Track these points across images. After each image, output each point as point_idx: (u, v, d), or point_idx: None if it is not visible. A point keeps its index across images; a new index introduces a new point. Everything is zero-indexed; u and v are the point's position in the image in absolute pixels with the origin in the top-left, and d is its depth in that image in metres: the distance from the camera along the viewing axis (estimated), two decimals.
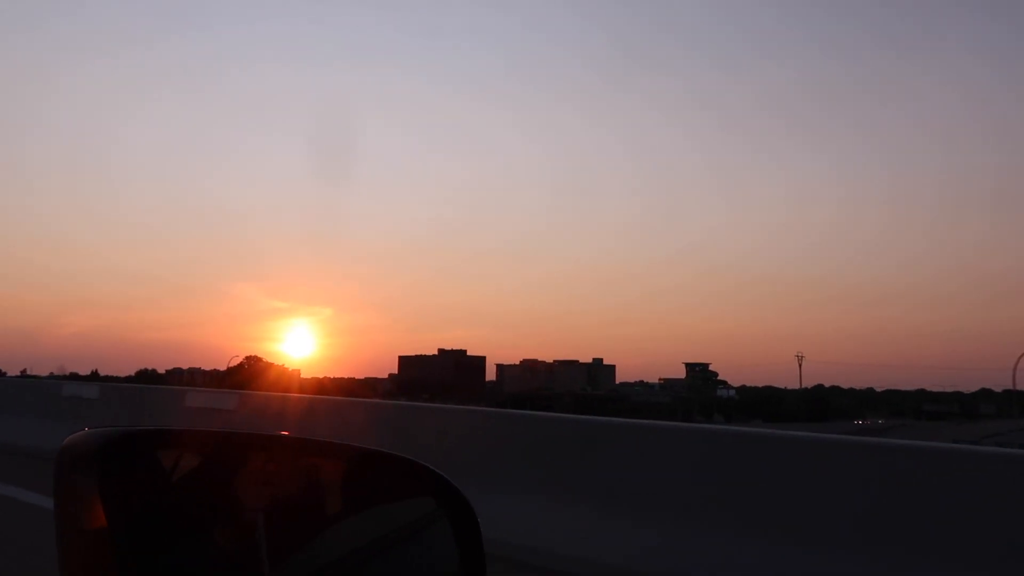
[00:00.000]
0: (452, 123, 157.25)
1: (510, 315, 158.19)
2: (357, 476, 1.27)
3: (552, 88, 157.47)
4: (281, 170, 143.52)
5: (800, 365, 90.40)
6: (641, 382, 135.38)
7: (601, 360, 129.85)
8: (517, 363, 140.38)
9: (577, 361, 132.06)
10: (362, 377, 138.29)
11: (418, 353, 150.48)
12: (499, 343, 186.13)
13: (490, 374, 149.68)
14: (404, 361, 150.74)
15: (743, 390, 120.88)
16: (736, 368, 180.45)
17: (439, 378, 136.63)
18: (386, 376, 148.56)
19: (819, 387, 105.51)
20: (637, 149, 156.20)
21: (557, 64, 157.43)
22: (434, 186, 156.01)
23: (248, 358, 78.87)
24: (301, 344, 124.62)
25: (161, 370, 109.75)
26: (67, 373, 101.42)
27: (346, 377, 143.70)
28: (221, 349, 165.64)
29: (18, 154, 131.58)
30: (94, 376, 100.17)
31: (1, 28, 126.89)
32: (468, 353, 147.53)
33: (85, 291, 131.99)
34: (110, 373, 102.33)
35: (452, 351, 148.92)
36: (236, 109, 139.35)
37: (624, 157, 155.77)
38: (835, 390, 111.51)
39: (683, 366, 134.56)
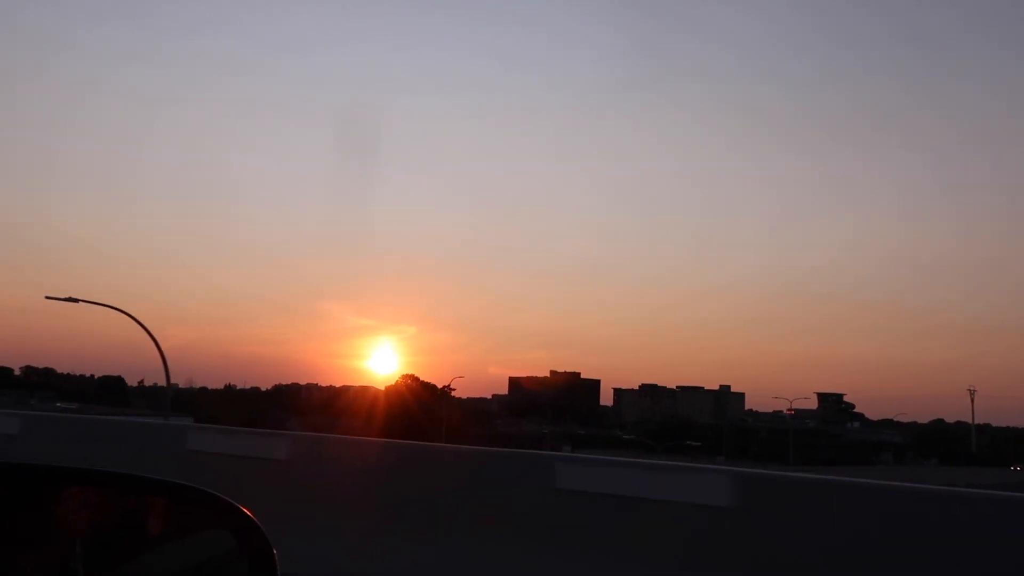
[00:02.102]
0: (538, 141, 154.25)
1: (617, 338, 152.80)
2: (158, 510, 1.28)
3: (651, 103, 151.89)
4: (369, 193, 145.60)
5: (972, 400, 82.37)
6: (751, 411, 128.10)
7: (728, 387, 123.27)
8: (636, 387, 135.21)
9: (702, 388, 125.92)
10: (464, 397, 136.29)
11: (530, 374, 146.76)
12: (604, 366, 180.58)
13: (605, 398, 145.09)
14: (514, 382, 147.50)
15: (869, 424, 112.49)
16: (868, 401, 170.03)
17: (551, 401, 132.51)
18: (490, 397, 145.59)
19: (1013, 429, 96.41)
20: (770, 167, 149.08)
21: (670, 81, 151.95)
22: (523, 206, 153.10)
23: (405, 377, 76.24)
24: (387, 361, 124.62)
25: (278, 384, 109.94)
26: (196, 387, 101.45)
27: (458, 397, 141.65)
28: (313, 364, 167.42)
29: (128, 177, 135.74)
30: (227, 390, 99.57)
31: (115, 62, 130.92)
32: (582, 375, 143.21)
33: (186, 304, 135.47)
34: (233, 383, 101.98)
35: (565, 373, 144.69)
36: (325, 135, 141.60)
37: (754, 176, 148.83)
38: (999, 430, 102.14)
39: (815, 396, 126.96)
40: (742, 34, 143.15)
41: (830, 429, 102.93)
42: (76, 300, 25.13)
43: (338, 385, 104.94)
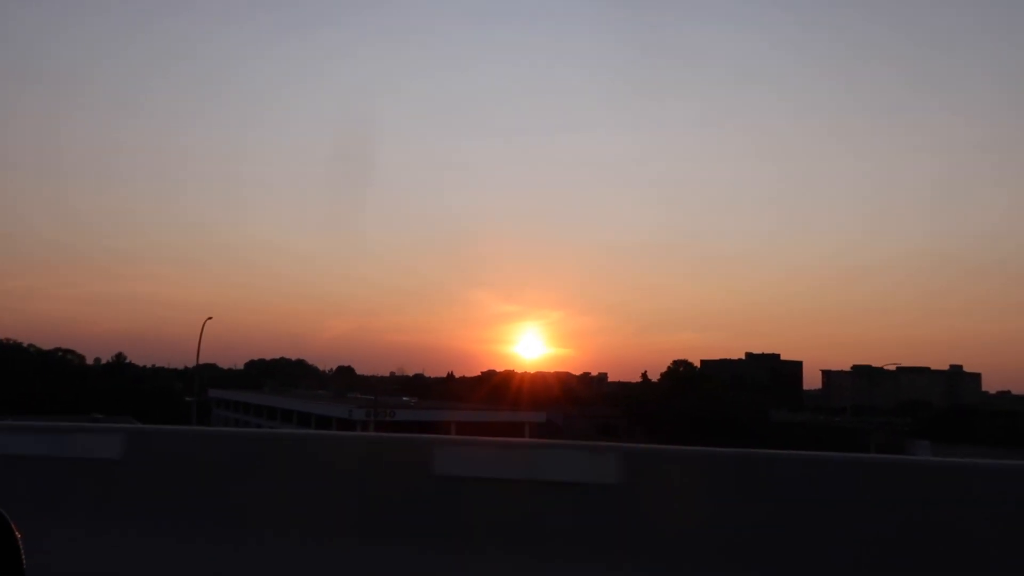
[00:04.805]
0: (682, 127, 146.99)
1: (778, 319, 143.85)
2: None
3: (798, 70, 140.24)
4: (512, 177, 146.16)
5: None
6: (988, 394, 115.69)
7: (961, 367, 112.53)
8: (847, 369, 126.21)
9: (928, 368, 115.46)
10: (634, 381, 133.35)
11: (723, 357, 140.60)
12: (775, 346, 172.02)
13: (811, 381, 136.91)
14: (706, 366, 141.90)
15: None
16: None
17: (750, 384, 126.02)
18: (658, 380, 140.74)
19: None
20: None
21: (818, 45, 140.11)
22: (664, 186, 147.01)
23: (676, 362, 73.10)
24: (533, 346, 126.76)
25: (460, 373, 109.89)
26: (408, 374, 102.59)
27: (622, 381, 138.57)
28: (463, 350, 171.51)
29: (278, 186, 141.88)
30: (449, 378, 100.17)
31: (282, 73, 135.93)
32: (782, 357, 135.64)
33: (342, 300, 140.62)
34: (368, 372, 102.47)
35: (762, 355, 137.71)
36: (474, 120, 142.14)
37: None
38: None
39: None
40: None
41: None
42: None
43: (521, 371, 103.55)
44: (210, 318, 48.04)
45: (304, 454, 4.73)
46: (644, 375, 76.37)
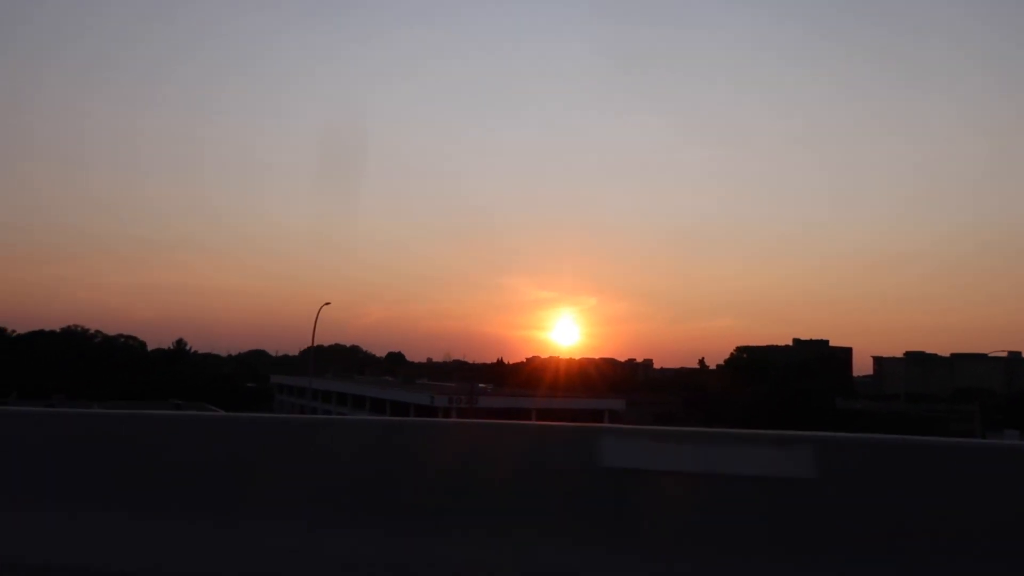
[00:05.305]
0: (714, 112, 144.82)
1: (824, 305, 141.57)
2: None
3: (835, 50, 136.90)
4: (547, 166, 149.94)
5: None
6: None
7: (1019, 354, 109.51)
8: (900, 355, 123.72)
9: (985, 355, 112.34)
10: (675, 367, 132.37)
11: (769, 343, 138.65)
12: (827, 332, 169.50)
13: (861, 368, 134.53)
14: (753, 351, 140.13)
15: None
16: None
17: (799, 371, 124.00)
18: (698, 366, 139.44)
19: None
20: None
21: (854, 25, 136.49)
22: (700, 173, 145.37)
23: (739, 348, 72.13)
24: (569, 333, 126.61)
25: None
26: (451, 360, 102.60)
27: (668, 368, 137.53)
28: (498, 336, 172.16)
29: (303, 174, 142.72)
30: (499, 364, 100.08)
31: (310, 61, 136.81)
32: (831, 343, 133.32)
33: (378, 288, 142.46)
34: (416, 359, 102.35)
35: (811, 341, 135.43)
36: (504, 107, 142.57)
37: None
38: None
39: None
40: None
41: None
42: None
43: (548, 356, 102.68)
44: (328, 303, 48.23)
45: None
46: (701, 361, 75.26)
